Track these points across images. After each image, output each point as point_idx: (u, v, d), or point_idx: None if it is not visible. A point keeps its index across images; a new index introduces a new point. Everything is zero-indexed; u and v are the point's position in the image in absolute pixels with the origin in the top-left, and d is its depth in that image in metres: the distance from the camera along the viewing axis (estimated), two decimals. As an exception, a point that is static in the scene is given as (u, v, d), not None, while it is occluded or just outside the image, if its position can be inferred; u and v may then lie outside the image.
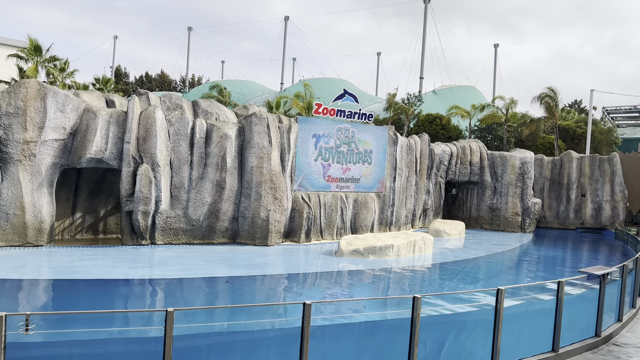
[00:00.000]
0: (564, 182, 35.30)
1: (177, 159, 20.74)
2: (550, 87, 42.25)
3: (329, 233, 24.56)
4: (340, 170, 25.55)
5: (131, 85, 78.68)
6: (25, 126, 18.02)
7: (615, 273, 12.08)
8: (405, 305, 9.42)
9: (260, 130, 21.79)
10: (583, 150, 42.89)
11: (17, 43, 42.05)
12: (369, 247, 20.20)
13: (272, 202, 21.77)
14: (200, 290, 15.06)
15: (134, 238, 20.11)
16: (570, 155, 35.53)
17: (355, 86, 71.77)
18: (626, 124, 61.13)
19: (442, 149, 32.83)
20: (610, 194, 34.41)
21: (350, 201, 25.75)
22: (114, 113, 19.86)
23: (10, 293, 13.33)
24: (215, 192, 21.34)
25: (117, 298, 13.74)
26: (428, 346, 8.01)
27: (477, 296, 13.63)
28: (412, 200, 30.41)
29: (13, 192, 18.05)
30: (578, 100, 69.27)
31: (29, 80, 18.73)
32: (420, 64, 67.37)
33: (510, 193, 33.19)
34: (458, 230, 28.86)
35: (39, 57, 33.99)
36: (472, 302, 13.07)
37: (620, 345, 11.07)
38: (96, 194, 22.09)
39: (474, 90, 68.16)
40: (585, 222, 34.84)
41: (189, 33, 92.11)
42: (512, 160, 33.27)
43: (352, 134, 26.04)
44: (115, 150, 19.69)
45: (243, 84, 75.20)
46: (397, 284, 17.28)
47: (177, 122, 20.84)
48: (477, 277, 18.90)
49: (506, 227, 33.07)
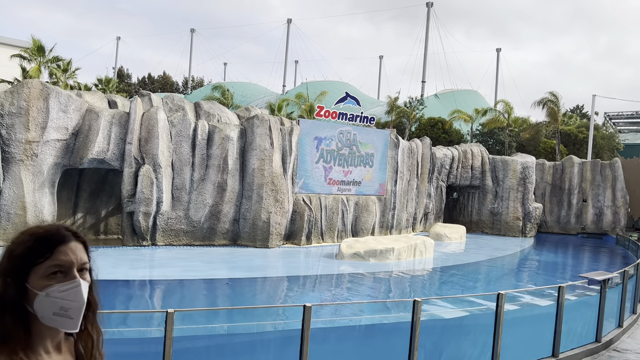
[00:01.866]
0: (565, 187, 35.26)
1: (178, 160, 20.76)
2: (552, 91, 42.27)
3: (330, 236, 24.55)
4: (341, 173, 25.56)
5: (133, 87, 78.80)
6: (27, 126, 18.05)
7: (616, 278, 12.06)
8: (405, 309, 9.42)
9: (262, 133, 21.81)
10: (585, 156, 42.84)
11: (20, 43, 42.12)
12: (369, 250, 20.19)
13: (273, 204, 21.77)
14: (201, 292, 15.06)
15: (135, 239, 20.12)
16: (571, 160, 35.50)
17: (357, 89, 71.77)
18: (628, 129, 61.09)
19: (444, 153, 32.83)
20: (611, 199, 34.37)
21: (351, 204, 25.75)
22: (116, 114, 19.89)
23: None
24: (217, 193, 21.35)
25: (118, 298, 13.74)
26: (428, 350, 8.00)
27: (477, 300, 13.61)
28: (413, 203, 30.40)
29: (15, 192, 18.08)
30: (580, 105, 69.30)
31: (31, 80, 18.78)
32: (423, 68, 67.35)
33: (511, 197, 33.16)
34: (459, 234, 28.85)
35: (42, 57, 34.04)
36: (472, 306, 13.05)
37: (621, 351, 11.05)
38: (97, 194, 22.11)
39: (475, 94, 68.14)
40: (587, 227, 34.79)
41: (192, 35, 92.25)
42: (514, 164, 33.25)
43: (354, 137, 26.05)
44: (117, 151, 19.71)
45: (245, 86, 75.22)
46: (398, 287, 17.26)
47: (179, 123, 20.87)
48: (478, 281, 18.88)
49: (507, 232, 33.03)
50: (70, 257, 1.64)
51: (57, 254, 1.62)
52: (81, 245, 1.69)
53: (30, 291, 1.59)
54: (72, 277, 1.62)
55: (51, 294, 1.58)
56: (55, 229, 1.68)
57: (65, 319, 1.59)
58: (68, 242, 1.66)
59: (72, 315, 1.60)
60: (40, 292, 1.58)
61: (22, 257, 1.61)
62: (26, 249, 1.63)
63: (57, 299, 1.58)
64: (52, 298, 1.58)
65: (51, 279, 1.60)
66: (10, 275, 1.60)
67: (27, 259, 1.61)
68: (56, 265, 1.61)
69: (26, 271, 1.60)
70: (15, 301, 1.59)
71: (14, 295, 1.59)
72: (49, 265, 1.61)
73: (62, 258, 1.62)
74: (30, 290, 1.59)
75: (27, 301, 1.59)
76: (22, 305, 1.59)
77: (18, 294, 1.59)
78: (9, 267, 1.61)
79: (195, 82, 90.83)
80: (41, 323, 1.60)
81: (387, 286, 17.37)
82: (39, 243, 1.63)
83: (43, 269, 1.60)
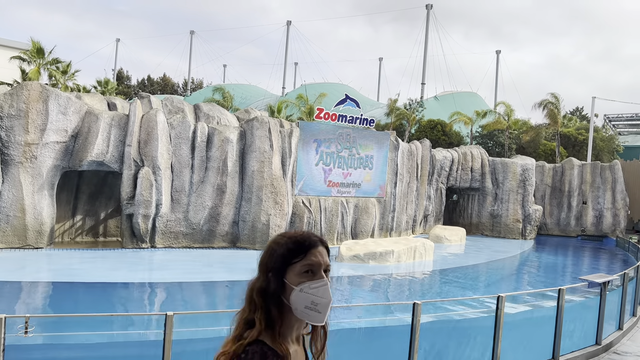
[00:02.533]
0: (565, 189, 35.26)
1: (178, 163, 20.75)
2: (553, 93, 42.28)
3: (330, 238, 24.52)
4: (341, 175, 25.54)
5: (133, 88, 78.81)
6: (26, 128, 18.03)
7: (616, 281, 12.04)
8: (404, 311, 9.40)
9: (261, 135, 21.80)
10: (584, 158, 42.85)
11: (19, 45, 42.14)
12: (369, 253, 20.16)
13: (272, 206, 21.76)
14: (200, 294, 15.03)
15: (134, 241, 20.09)
16: (571, 162, 35.51)
17: (357, 91, 71.79)
18: (628, 131, 61.08)
19: (444, 155, 32.83)
20: (611, 201, 34.37)
21: (350, 206, 25.73)
22: (115, 116, 19.88)
23: (10, 295, 13.31)
24: (216, 195, 21.33)
25: (117, 301, 13.72)
26: (427, 352, 7.98)
27: (477, 303, 13.59)
28: (412, 206, 30.39)
29: (14, 194, 18.05)
30: (580, 107, 69.31)
31: (31, 82, 18.77)
32: (422, 70, 67.42)
33: (511, 200, 33.15)
34: (459, 236, 28.82)
35: (42, 59, 34.04)
36: (472, 308, 13.03)
37: (621, 354, 11.02)
38: (97, 196, 22.09)
39: (475, 96, 68.19)
40: (586, 229, 34.78)
41: (191, 37, 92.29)
42: (514, 166, 33.24)
43: (354, 139, 26.04)
44: (117, 153, 19.70)
45: (244, 88, 75.24)
46: (397, 290, 17.24)
47: (179, 125, 20.86)
48: (478, 283, 18.86)
49: (507, 234, 33.01)
50: (319, 259, 1.91)
51: (310, 256, 1.90)
52: (325, 250, 1.96)
53: (287, 286, 1.87)
54: (321, 276, 1.89)
55: (304, 290, 1.85)
56: (307, 234, 1.96)
57: (314, 312, 1.85)
58: (317, 246, 1.93)
59: (321, 310, 1.86)
60: (295, 287, 1.86)
61: (283, 257, 1.90)
62: (286, 250, 1.90)
63: (308, 294, 1.85)
64: (305, 293, 1.85)
65: (303, 277, 1.87)
66: (272, 271, 1.89)
67: (286, 258, 1.89)
68: (308, 265, 1.89)
69: (284, 269, 1.89)
70: (276, 294, 1.87)
71: (275, 289, 1.87)
72: (303, 265, 1.88)
73: (313, 259, 1.90)
74: (288, 285, 1.87)
75: (284, 294, 1.87)
76: (280, 298, 1.88)
77: (278, 287, 1.88)
78: (271, 264, 1.90)
79: (195, 84, 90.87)
80: (292, 315, 1.88)
81: (386, 289, 17.34)
82: (296, 245, 1.91)
83: (298, 268, 1.88)
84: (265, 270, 1.91)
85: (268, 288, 1.88)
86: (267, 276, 1.89)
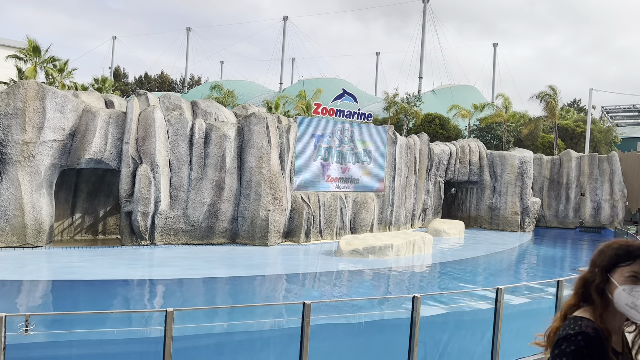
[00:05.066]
0: (563, 182, 35.30)
1: (176, 160, 20.74)
2: (551, 85, 42.25)
3: (329, 233, 24.55)
4: (339, 170, 25.55)
5: (130, 86, 78.63)
6: (24, 127, 18.00)
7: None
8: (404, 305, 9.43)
9: (259, 131, 21.79)
10: (582, 150, 42.88)
11: (15, 44, 41.97)
12: (368, 247, 20.20)
13: (271, 202, 21.77)
14: (200, 291, 15.07)
15: (134, 238, 20.10)
16: (569, 154, 35.53)
17: (354, 86, 71.70)
18: (625, 123, 61.10)
19: (442, 149, 32.83)
20: (609, 193, 34.42)
21: (349, 201, 25.75)
22: (113, 113, 19.85)
23: (10, 294, 13.33)
24: (215, 192, 21.33)
25: (117, 299, 13.74)
26: (427, 345, 8.01)
27: (476, 295, 13.63)
28: (411, 199, 30.43)
29: (12, 193, 18.04)
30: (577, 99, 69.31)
31: (27, 81, 18.73)
32: (420, 64, 67.31)
33: (509, 192, 33.18)
34: (457, 229, 28.87)
35: (38, 57, 33.95)
36: (471, 301, 13.08)
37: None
38: (95, 194, 22.08)
39: (473, 89, 68.11)
40: (585, 221, 34.85)
41: (188, 33, 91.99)
42: (512, 159, 33.27)
43: (352, 134, 26.04)
44: (115, 150, 19.68)
45: (242, 84, 75.05)
46: (397, 284, 17.29)
47: (176, 122, 20.84)
48: (477, 276, 18.92)
49: (505, 227, 33.06)
50: None
51: (638, 264, 2.21)
52: None
53: (611, 283, 2.23)
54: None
55: (626, 290, 2.19)
56: (637, 245, 2.26)
57: (634, 311, 2.18)
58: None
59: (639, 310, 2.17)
60: (619, 285, 2.20)
61: (610, 257, 2.27)
62: (614, 253, 2.27)
63: (630, 296, 2.18)
64: (627, 294, 2.18)
65: (628, 280, 2.20)
66: (598, 266, 2.29)
67: (614, 259, 2.25)
68: (635, 271, 2.21)
69: (611, 268, 2.25)
70: (599, 286, 2.26)
71: (599, 281, 2.27)
72: (630, 270, 2.21)
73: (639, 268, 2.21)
74: (612, 282, 2.23)
75: (607, 289, 2.25)
76: (603, 290, 2.25)
77: (601, 281, 2.26)
78: (599, 262, 2.30)
79: (193, 80, 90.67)
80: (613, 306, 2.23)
81: (386, 282, 17.39)
82: (625, 252, 2.25)
83: (625, 271, 2.22)
84: (593, 265, 2.32)
85: (591, 278, 2.29)
86: (594, 270, 2.30)
